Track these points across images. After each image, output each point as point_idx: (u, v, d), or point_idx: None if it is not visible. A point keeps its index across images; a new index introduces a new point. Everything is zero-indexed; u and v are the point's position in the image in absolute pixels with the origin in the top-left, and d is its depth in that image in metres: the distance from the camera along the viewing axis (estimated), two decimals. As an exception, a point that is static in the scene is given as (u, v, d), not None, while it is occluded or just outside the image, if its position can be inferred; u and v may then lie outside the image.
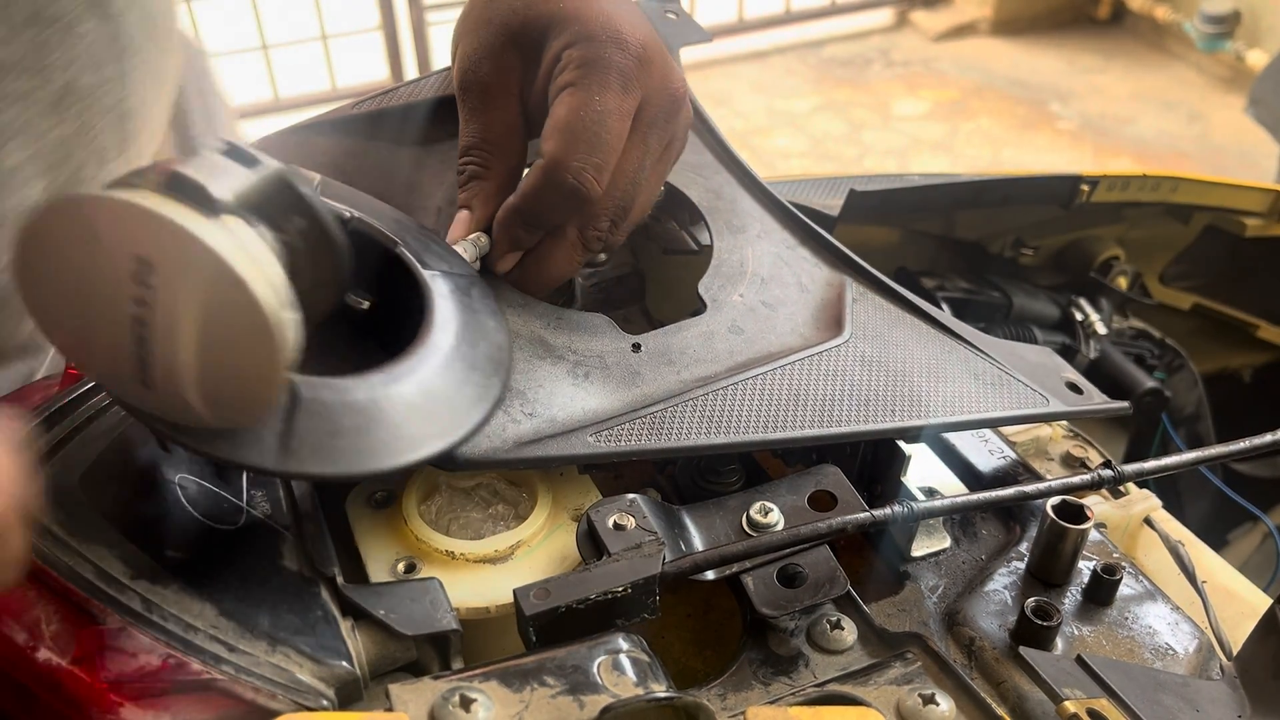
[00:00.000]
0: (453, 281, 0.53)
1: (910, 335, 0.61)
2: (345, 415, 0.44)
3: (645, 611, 0.46)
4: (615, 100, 0.55)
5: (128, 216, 0.37)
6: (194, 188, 0.37)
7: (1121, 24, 4.07)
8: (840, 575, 0.49)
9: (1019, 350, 0.65)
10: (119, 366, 0.40)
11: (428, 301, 0.51)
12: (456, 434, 0.47)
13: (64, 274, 0.39)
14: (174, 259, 0.37)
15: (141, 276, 0.37)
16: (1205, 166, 3.26)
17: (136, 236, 0.37)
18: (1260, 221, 0.94)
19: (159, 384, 0.40)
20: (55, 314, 0.40)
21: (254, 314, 0.38)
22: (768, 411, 0.54)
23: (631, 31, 0.56)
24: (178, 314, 0.38)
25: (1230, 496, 0.83)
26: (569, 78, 0.55)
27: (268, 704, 0.41)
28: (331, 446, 0.43)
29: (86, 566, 0.42)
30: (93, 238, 0.37)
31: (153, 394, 0.40)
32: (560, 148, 0.54)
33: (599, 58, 0.55)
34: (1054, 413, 0.60)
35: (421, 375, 0.47)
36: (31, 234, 0.38)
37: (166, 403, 0.40)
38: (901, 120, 3.56)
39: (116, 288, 0.38)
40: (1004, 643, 0.49)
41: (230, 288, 0.37)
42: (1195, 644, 0.50)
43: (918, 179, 0.87)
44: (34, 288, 0.40)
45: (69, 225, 0.38)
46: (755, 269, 0.63)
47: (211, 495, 0.48)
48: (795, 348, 0.58)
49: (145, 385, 0.40)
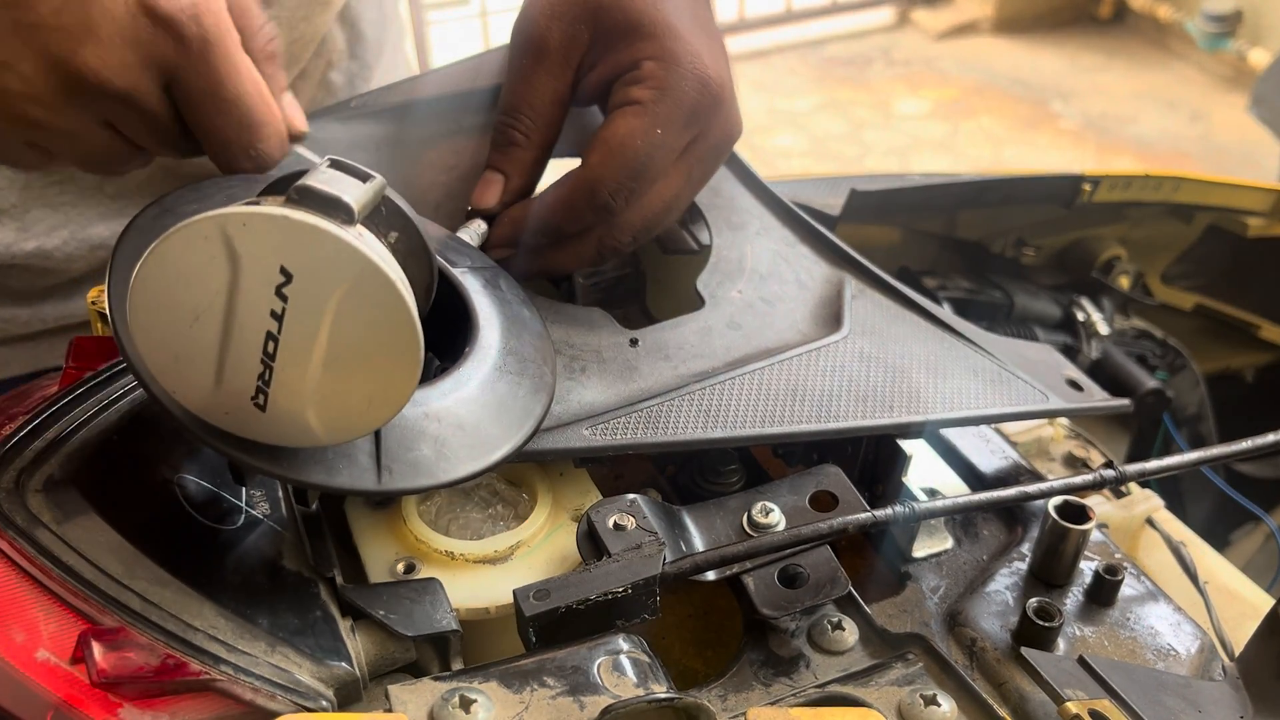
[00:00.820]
0: (482, 276, 0.53)
1: (909, 331, 0.61)
2: (428, 426, 0.44)
3: (645, 612, 0.46)
4: (675, 136, 0.54)
5: (275, 229, 0.37)
6: (329, 200, 0.38)
7: (1123, 23, 4.06)
8: (841, 576, 0.49)
9: (1019, 347, 0.65)
10: (230, 390, 0.39)
11: (466, 301, 0.51)
12: (526, 428, 0.48)
13: (185, 295, 0.38)
14: (321, 267, 0.37)
15: (281, 289, 0.37)
16: (1207, 166, 3.25)
17: (282, 248, 0.37)
18: (1263, 221, 0.94)
19: (276, 403, 0.39)
20: (158, 337, 0.39)
21: (398, 315, 0.38)
22: (765, 407, 0.54)
23: (716, 71, 0.55)
24: (315, 325, 0.38)
25: (1232, 497, 0.83)
26: (640, 95, 0.54)
27: (267, 704, 0.41)
28: (419, 459, 0.44)
29: (85, 566, 0.42)
30: (232, 254, 0.37)
31: (260, 417, 0.40)
32: (605, 165, 0.53)
33: (677, 88, 0.54)
34: (1054, 409, 0.60)
35: (482, 376, 0.48)
36: (159, 255, 0.37)
37: (275, 425, 0.40)
38: (903, 119, 3.55)
39: (252, 304, 0.38)
40: (1005, 643, 0.49)
41: (379, 290, 0.38)
42: (1197, 645, 0.50)
43: (919, 178, 0.87)
44: (143, 310, 0.38)
45: (203, 244, 0.37)
46: (754, 265, 0.63)
47: (210, 495, 0.48)
48: (793, 343, 0.58)
49: (259, 407, 0.40)
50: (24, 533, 0.43)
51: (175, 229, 0.37)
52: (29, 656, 0.40)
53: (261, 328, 0.38)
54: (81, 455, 0.47)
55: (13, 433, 0.46)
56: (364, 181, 0.40)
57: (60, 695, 0.40)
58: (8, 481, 0.44)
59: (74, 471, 0.46)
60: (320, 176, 0.39)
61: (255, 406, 0.40)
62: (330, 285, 0.38)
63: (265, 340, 0.38)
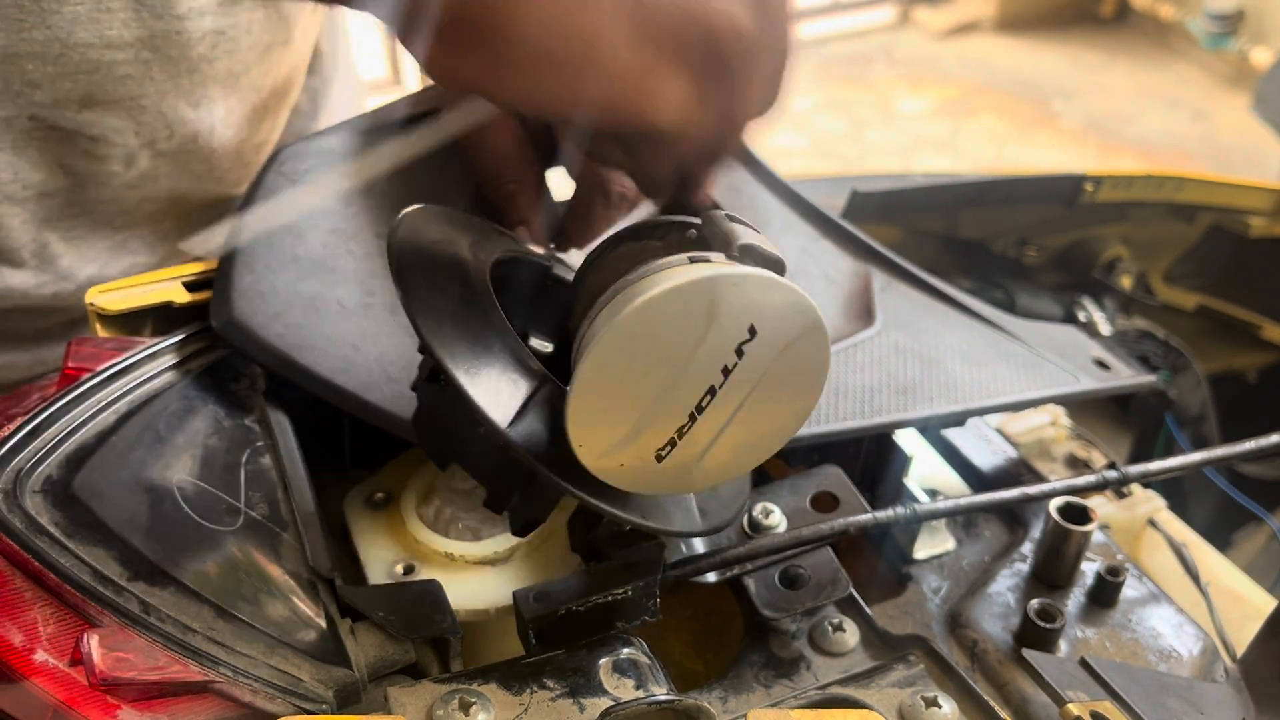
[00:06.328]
0: None
1: (940, 321, 0.61)
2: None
3: (646, 614, 0.46)
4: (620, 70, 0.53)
5: (758, 289, 0.38)
6: (773, 258, 0.40)
7: (1125, 22, 4.06)
8: (842, 577, 0.49)
9: (1045, 330, 0.65)
10: (641, 445, 0.39)
11: None
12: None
13: (652, 351, 0.38)
14: (780, 323, 0.39)
15: (743, 346, 0.38)
16: (1209, 165, 3.25)
17: (756, 307, 0.38)
18: (1265, 221, 0.94)
19: (677, 456, 0.40)
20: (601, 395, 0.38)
21: (822, 359, 0.40)
22: None
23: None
24: (754, 378, 0.39)
25: (1235, 498, 0.83)
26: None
27: (266, 706, 0.41)
28: (712, 498, 0.45)
29: (84, 568, 0.42)
30: (712, 312, 0.37)
31: (653, 469, 0.40)
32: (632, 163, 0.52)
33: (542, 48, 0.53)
34: (1086, 390, 0.60)
35: None
36: (643, 313, 0.37)
37: (662, 476, 0.40)
38: (904, 119, 3.55)
39: (710, 360, 0.38)
40: (1007, 645, 0.49)
41: (816, 339, 0.40)
42: (1199, 646, 0.50)
43: (920, 178, 0.87)
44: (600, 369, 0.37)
45: (692, 302, 0.37)
46: None
47: (209, 496, 0.48)
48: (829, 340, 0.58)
49: (658, 459, 0.40)
50: (22, 534, 0.43)
51: (664, 288, 0.37)
52: (27, 658, 0.40)
53: (707, 383, 0.39)
54: (80, 456, 0.46)
55: (11, 433, 0.46)
56: (759, 231, 0.41)
57: (59, 697, 0.40)
58: (6, 482, 0.44)
59: (73, 472, 0.46)
60: (745, 233, 0.40)
61: (655, 459, 0.40)
62: (782, 339, 0.39)
63: (704, 395, 0.39)
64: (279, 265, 0.53)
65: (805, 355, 0.40)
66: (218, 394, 0.51)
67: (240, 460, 0.49)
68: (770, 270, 0.39)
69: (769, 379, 0.39)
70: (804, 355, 0.40)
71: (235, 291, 0.52)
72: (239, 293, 0.52)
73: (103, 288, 0.56)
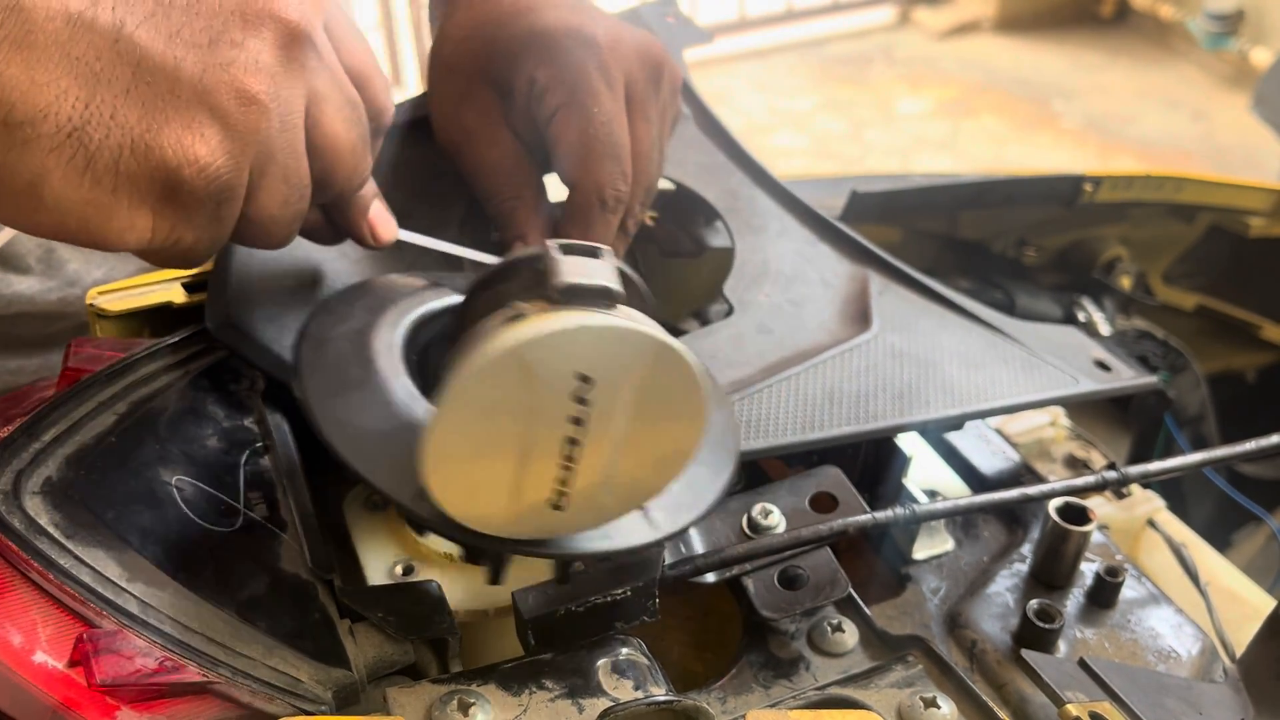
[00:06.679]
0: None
1: (937, 324, 0.61)
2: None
3: (645, 614, 0.46)
4: (609, 101, 0.54)
5: (568, 341, 0.36)
6: (598, 291, 0.38)
7: (1125, 22, 4.06)
8: (841, 577, 0.49)
9: (1044, 331, 0.65)
10: (527, 503, 0.39)
11: None
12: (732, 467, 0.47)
13: (483, 432, 0.37)
14: (617, 361, 0.37)
15: (580, 394, 0.37)
16: (1209, 165, 3.25)
17: (575, 356, 0.36)
18: (1264, 221, 0.94)
19: (573, 499, 0.39)
20: (457, 478, 0.38)
21: (688, 379, 0.38)
22: (804, 412, 0.54)
23: (590, 23, 0.56)
24: (615, 416, 0.38)
25: (1234, 498, 0.83)
26: (557, 98, 0.54)
27: (265, 707, 0.41)
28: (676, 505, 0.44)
29: (83, 569, 0.42)
30: (527, 378, 0.36)
31: (557, 516, 0.40)
32: (584, 170, 0.54)
33: (574, 66, 0.54)
34: (1086, 392, 0.60)
35: None
36: (456, 401, 0.36)
37: (573, 518, 0.40)
38: (904, 119, 3.55)
39: (552, 419, 0.37)
40: (1006, 645, 0.49)
41: (670, 363, 0.38)
42: (1198, 646, 0.50)
43: (920, 179, 0.87)
44: (441, 459, 0.37)
45: (500, 377, 0.36)
46: (778, 267, 0.63)
47: (208, 497, 0.48)
48: (825, 345, 0.58)
49: (556, 508, 0.40)
50: (21, 535, 0.43)
51: (468, 373, 0.36)
52: (27, 659, 0.40)
53: (561, 436, 0.38)
54: (79, 457, 0.46)
55: (10, 434, 0.46)
56: (598, 258, 0.39)
57: (58, 698, 0.40)
58: (5, 483, 0.44)
59: (72, 473, 0.46)
60: (568, 268, 0.38)
61: (552, 509, 0.40)
62: (627, 375, 0.37)
63: (565, 446, 0.38)
64: (274, 267, 0.53)
65: (664, 380, 0.38)
66: (217, 395, 0.51)
67: (239, 461, 0.49)
68: (599, 306, 0.38)
69: (640, 409, 0.38)
70: (662, 380, 0.38)
71: (230, 293, 0.52)
72: (234, 294, 0.52)
73: (102, 288, 0.56)
